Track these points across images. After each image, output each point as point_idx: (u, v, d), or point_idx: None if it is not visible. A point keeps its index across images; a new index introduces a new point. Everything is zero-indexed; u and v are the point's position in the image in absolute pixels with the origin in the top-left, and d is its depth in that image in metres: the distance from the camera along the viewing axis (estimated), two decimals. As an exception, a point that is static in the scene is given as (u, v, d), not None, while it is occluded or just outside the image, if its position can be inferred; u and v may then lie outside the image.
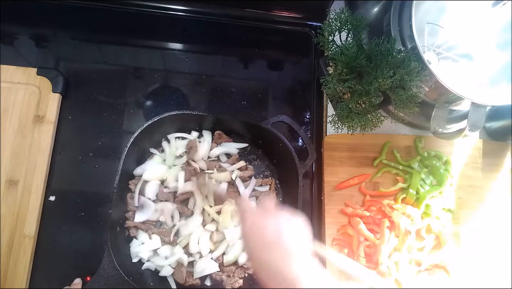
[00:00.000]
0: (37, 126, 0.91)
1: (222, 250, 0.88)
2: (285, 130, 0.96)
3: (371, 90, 0.82)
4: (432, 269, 0.92)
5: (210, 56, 1.07)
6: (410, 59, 0.80)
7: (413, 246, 0.91)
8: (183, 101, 1.01)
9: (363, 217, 0.92)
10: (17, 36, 1.00)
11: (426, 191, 0.94)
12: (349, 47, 0.84)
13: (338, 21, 0.87)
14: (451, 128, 0.93)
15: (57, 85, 0.94)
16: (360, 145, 0.98)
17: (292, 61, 1.11)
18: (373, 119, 0.88)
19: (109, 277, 0.78)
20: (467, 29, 0.91)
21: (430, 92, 0.86)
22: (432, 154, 0.98)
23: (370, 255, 0.90)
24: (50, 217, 0.89)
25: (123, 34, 1.06)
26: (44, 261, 0.86)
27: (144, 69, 1.02)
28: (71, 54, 1.01)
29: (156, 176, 0.91)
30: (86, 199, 0.91)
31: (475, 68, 0.91)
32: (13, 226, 0.85)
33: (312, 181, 0.99)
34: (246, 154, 0.99)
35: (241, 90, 1.03)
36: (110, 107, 0.98)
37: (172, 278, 0.87)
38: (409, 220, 0.91)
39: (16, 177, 0.88)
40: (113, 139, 0.96)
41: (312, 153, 0.91)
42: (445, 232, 0.92)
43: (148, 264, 0.86)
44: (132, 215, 0.89)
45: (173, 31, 1.07)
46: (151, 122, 0.87)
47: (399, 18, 0.86)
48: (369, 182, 0.97)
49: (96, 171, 0.93)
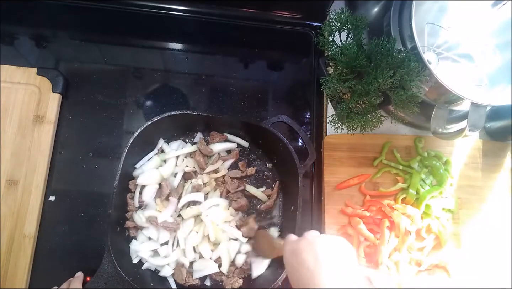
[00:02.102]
0: (37, 126, 0.91)
1: (219, 253, 0.88)
2: (285, 131, 0.96)
3: (371, 90, 0.82)
4: (432, 269, 0.92)
5: (210, 56, 1.07)
6: (410, 59, 0.80)
7: (413, 246, 0.91)
8: (183, 101, 1.01)
9: (363, 217, 0.92)
10: (17, 36, 1.00)
11: (426, 191, 0.94)
12: (349, 47, 0.84)
13: (338, 21, 0.87)
14: (451, 128, 0.93)
15: (57, 85, 0.94)
16: (360, 145, 0.98)
17: (292, 61, 1.11)
18: (373, 119, 0.88)
19: (109, 277, 0.78)
20: (467, 29, 0.91)
21: (430, 92, 0.86)
22: (432, 154, 0.98)
23: (370, 255, 0.90)
24: (50, 217, 0.89)
25: (123, 34, 1.06)
26: (44, 261, 0.86)
27: (144, 69, 1.02)
28: (71, 54, 1.01)
29: (152, 180, 0.90)
30: (86, 199, 0.91)
31: (475, 68, 0.91)
32: (13, 226, 0.86)
33: (312, 181, 0.99)
34: (246, 154, 0.99)
35: (241, 90, 1.03)
36: (110, 107, 0.98)
37: (172, 278, 0.87)
38: (409, 220, 0.91)
39: (16, 177, 0.88)
40: (113, 139, 0.96)
41: (312, 153, 0.91)
42: (445, 232, 0.92)
43: (148, 264, 0.86)
44: (132, 214, 0.89)
45: (173, 31, 1.07)
46: (151, 123, 0.87)
47: (399, 18, 0.86)
48: (369, 182, 0.97)
49: (96, 171, 0.93)
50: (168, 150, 0.94)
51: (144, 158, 0.93)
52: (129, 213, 0.89)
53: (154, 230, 0.87)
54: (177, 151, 0.94)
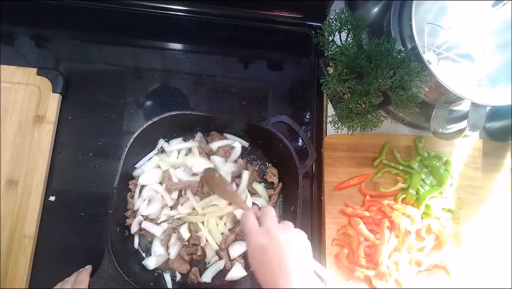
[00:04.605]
0: (37, 127, 0.91)
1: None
2: (285, 131, 0.96)
3: (371, 91, 0.82)
4: (432, 269, 0.92)
5: (210, 56, 1.07)
6: (410, 60, 0.80)
7: (413, 246, 0.91)
8: (183, 101, 1.01)
9: (363, 217, 0.92)
10: (17, 36, 1.00)
11: (426, 191, 0.94)
12: (349, 47, 0.84)
13: (338, 21, 0.87)
14: (451, 128, 0.93)
15: (57, 85, 0.94)
16: (360, 145, 0.98)
17: (292, 62, 1.11)
18: (373, 119, 0.88)
19: (109, 277, 0.78)
20: (467, 29, 0.91)
21: (430, 93, 0.86)
22: (432, 154, 0.98)
23: (370, 255, 0.90)
24: (50, 217, 0.89)
25: (123, 34, 1.06)
26: (44, 261, 0.86)
27: (144, 69, 1.02)
28: (71, 54, 1.01)
29: (153, 180, 0.90)
30: (86, 199, 0.91)
31: (475, 68, 0.91)
32: (13, 226, 0.85)
33: (312, 181, 0.99)
34: (246, 154, 0.99)
35: (241, 90, 1.03)
36: (110, 108, 0.98)
37: (169, 278, 0.87)
38: (409, 220, 0.91)
39: (16, 177, 0.88)
40: (113, 140, 0.96)
41: (312, 153, 0.91)
42: (445, 232, 0.92)
43: (147, 263, 0.86)
44: (132, 214, 0.89)
45: (173, 31, 1.07)
46: (151, 123, 0.86)
47: (399, 18, 0.86)
48: (369, 182, 0.97)
49: (96, 171, 0.93)
50: (169, 147, 0.94)
51: (144, 158, 0.93)
52: (129, 212, 0.89)
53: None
54: (178, 144, 0.94)
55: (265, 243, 0.61)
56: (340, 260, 0.90)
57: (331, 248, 0.92)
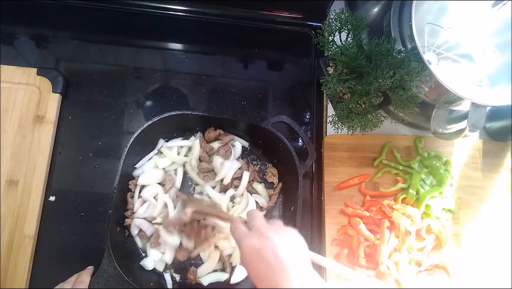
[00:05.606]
0: (37, 127, 0.91)
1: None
2: (285, 131, 0.96)
3: (371, 91, 0.82)
4: (432, 270, 0.92)
5: (210, 56, 1.07)
6: (410, 60, 0.80)
7: (413, 246, 0.91)
8: (183, 101, 1.01)
9: (363, 217, 0.92)
10: (17, 36, 1.00)
11: (426, 191, 0.94)
12: (349, 47, 0.84)
13: (338, 21, 0.87)
14: (451, 128, 0.93)
15: (57, 85, 0.94)
16: (360, 145, 0.98)
17: (292, 61, 1.11)
18: (373, 119, 0.88)
19: (109, 277, 0.78)
20: (467, 29, 0.91)
21: (430, 93, 0.86)
22: (432, 154, 0.98)
23: (370, 255, 0.90)
24: (50, 217, 0.89)
25: (123, 34, 1.06)
26: (44, 261, 0.86)
27: (144, 69, 1.02)
28: (71, 54, 1.01)
29: (153, 180, 0.90)
30: (86, 199, 0.91)
31: (475, 68, 0.91)
32: (13, 226, 0.85)
33: (312, 181, 0.99)
34: (246, 154, 0.99)
35: (241, 90, 1.03)
36: (110, 107, 0.98)
37: (170, 278, 0.87)
38: (409, 220, 0.91)
39: (16, 177, 0.88)
40: (113, 140, 0.96)
41: (312, 153, 0.91)
42: (445, 232, 0.92)
43: (147, 263, 0.86)
44: (131, 214, 0.89)
45: (173, 31, 1.07)
46: (151, 123, 0.86)
47: (399, 18, 0.86)
48: (369, 182, 0.97)
49: (96, 171, 0.93)
50: (167, 144, 0.95)
51: (144, 158, 0.93)
52: (128, 212, 0.89)
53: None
54: (179, 142, 0.94)
55: (258, 244, 0.60)
56: (340, 260, 0.90)
57: (331, 248, 0.92)
